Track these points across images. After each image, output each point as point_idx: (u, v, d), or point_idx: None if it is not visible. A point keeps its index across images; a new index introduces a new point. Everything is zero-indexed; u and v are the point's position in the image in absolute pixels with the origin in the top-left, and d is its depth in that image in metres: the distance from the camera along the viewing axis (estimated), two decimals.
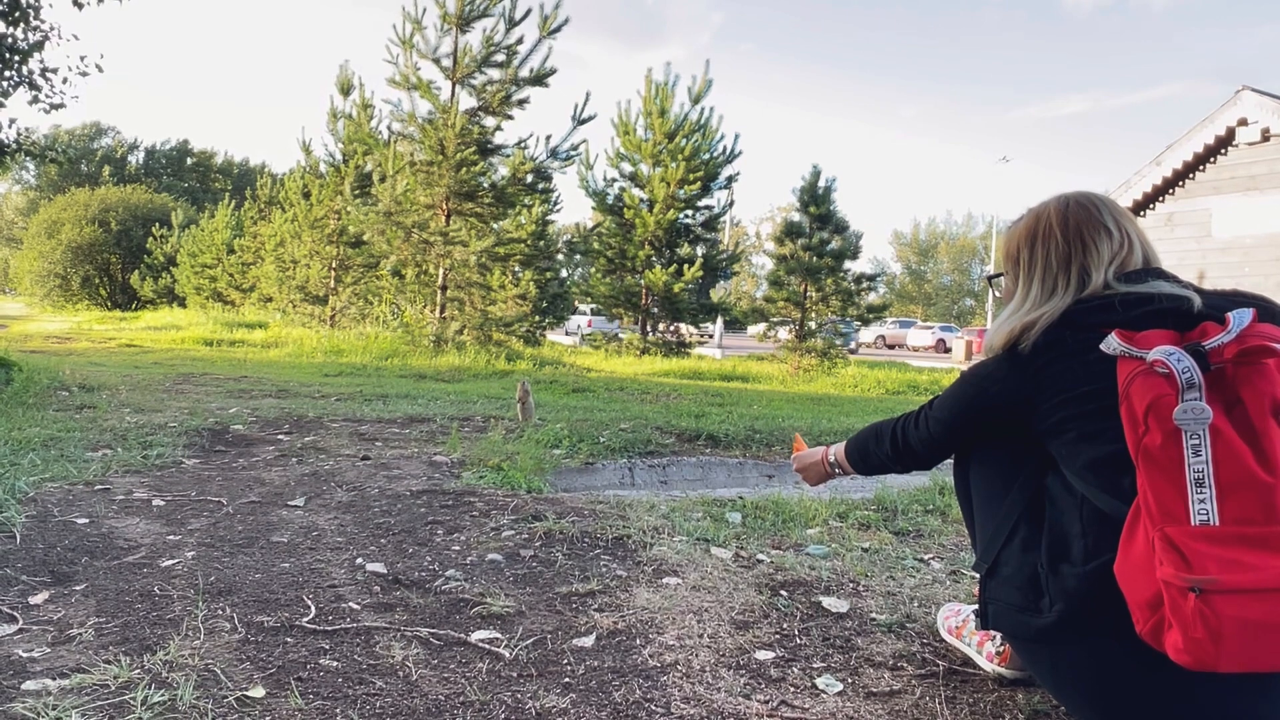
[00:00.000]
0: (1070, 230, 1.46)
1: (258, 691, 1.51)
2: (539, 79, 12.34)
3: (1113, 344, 1.22)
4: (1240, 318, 1.17)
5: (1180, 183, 11.72)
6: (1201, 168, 11.50)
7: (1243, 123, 10.93)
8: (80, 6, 7.51)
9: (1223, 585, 1.03)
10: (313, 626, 1.82)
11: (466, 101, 12.72)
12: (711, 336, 16.27)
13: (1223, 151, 11.27)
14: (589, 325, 28.20)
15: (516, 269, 14.28)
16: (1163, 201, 11.93)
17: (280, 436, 4.26)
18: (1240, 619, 1.03)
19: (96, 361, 8.92)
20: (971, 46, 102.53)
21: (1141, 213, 12.05)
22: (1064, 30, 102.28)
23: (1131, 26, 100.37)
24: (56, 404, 5.03)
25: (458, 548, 2.46)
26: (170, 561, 2.22)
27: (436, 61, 12.51)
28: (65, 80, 7.69)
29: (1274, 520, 1.06)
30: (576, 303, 26.09)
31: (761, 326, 15.84)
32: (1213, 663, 1.05)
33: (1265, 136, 10.77)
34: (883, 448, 1.74)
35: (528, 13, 12.17)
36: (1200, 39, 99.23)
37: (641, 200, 18.11)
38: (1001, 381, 1.43)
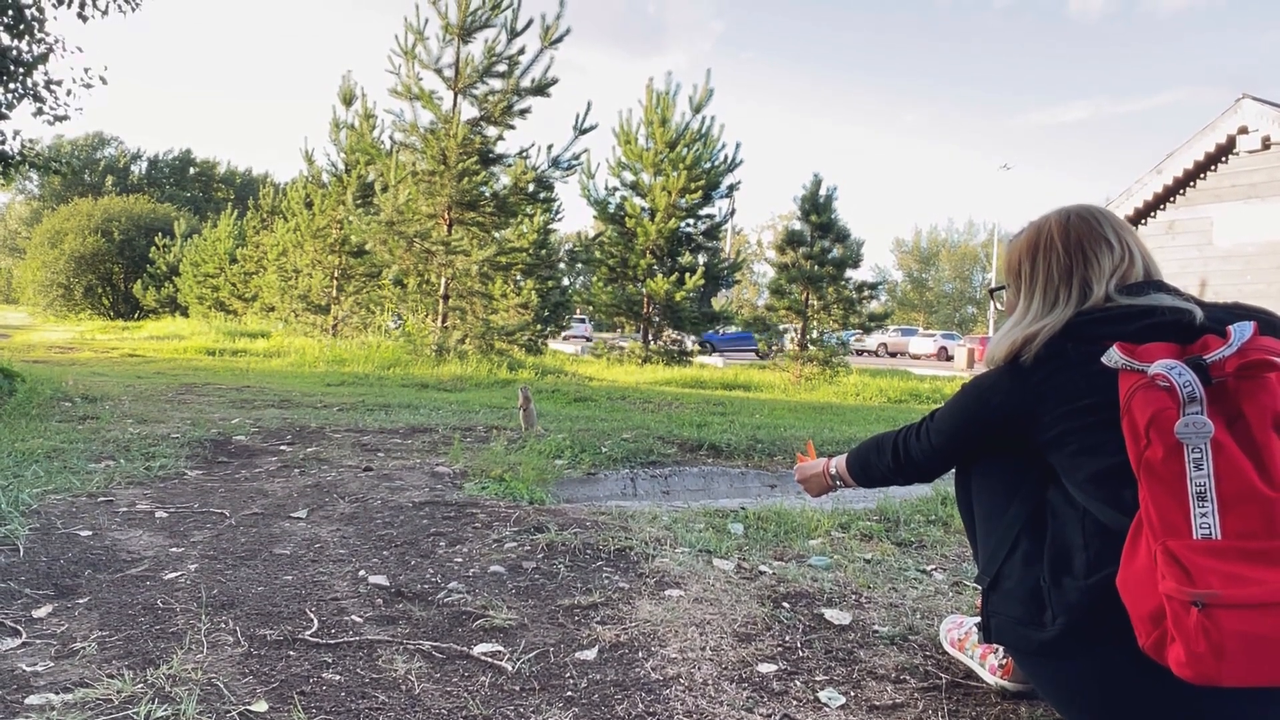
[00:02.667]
0: (1071, 243, 1.47)
1: (261, 706, 1.51)
2: (541, 89, 12.38)
3: (1114, 357, 1.22)
4: (1241, 331, 1.17)
5: (1181, 190, 11.74)
6: (1202, 175, 11.51)
7: (1243, 130, 10.95)
8: (85, 19, 7.56)
9: (1225, 599, 1.03)
10: (315, 640, 1.82)
11: (468, 111, 12.77)
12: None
13: (1223, 159, 11.29)
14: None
15: (518, 278, 14.27)
16: (1164, 209, 11.94)
17: (283, 447, 4.27)
18: (1243, 633, 1.03)
19: (99, 371, 8.93)
20: (974, 53, 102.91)
21: (1143, 220, 12.06)
22: (1067, 36, 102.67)
23: (1135, 32, 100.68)
24: (59, 415, 5.03)
25: (460, 560, 2.46)
26: (173, 574, 2.22)
27: (438, 72, 12.55)
28: (69, 92, 7.72)
29: (1276, 534, 1.06)
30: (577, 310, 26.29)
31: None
32: (1215, 677, 1.04)
33: (1266, 144, 10.79)
34: (884, 460, 1.74)
35: (529, 23, 12.22)
36: (1204, 45, 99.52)
37: (643, 209, 18.15)
38: (1004, 393, 1.43)
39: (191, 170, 67.25)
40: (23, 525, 2.56)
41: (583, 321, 34.27)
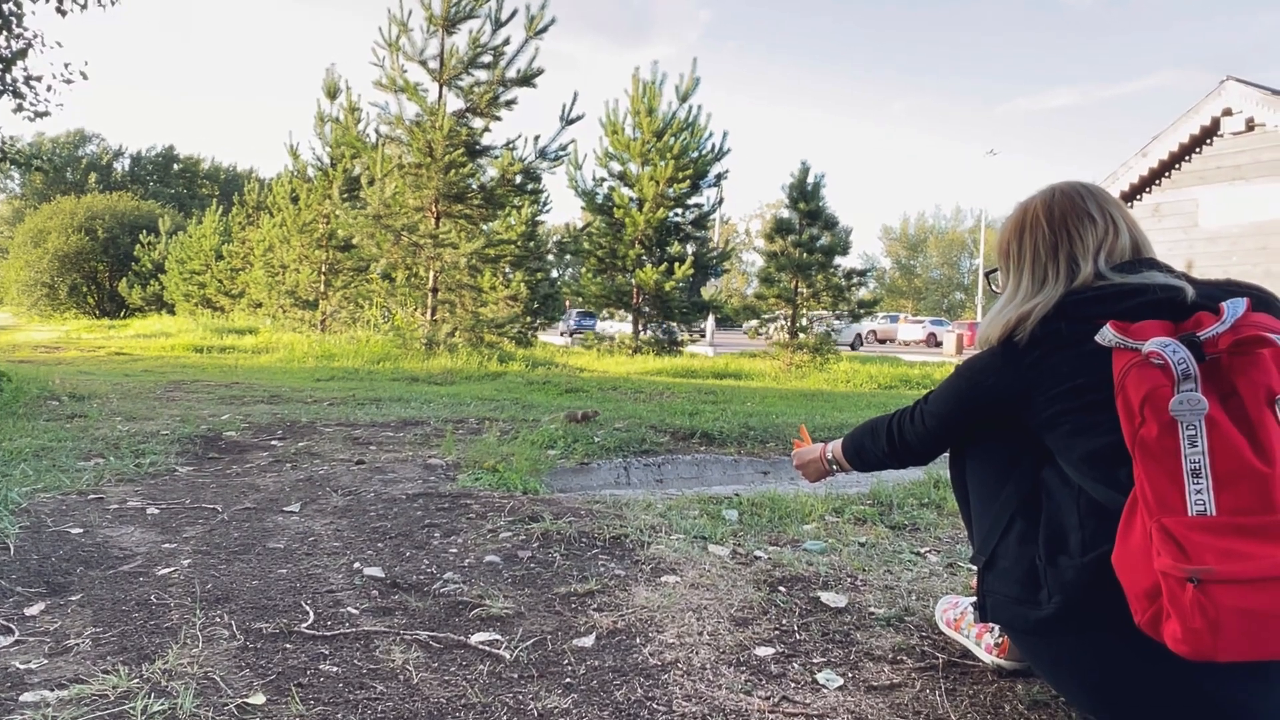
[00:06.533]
0: (1055, 219, 1.47)
1: (258, 698, 1.50)
2: (526, 79, 12.31)
3: (1108, 335, 1.22)
4: (1234, 307, 1.17)
5: (1167, 173, 11.79)
6: (1187, 158, 11.56)
7: (1227, 113, 11.00)
8: (64, 13, 7.47)
9: (1220, 575, 1.04)
10: (311, 632, 1.82)
11: (454, 103, 12.68)
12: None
13: (1208, 142, 11.34)
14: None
15: (507, 270, 14.25)
16: (1149, 192, 11.99)
17: (273, 442, 4.25)
18: (1238, 608, 1.03)
19: (86, 370, 8.86)
20: (961, 40, 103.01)
21: (1129, 204, 12.11)
22: (1054, 22, 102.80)
23: (1122, 17, 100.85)
24: (47, 413, 4.99)
25: (455, 550, 2.46)
26: (166, 570, 2.21)
27: (423, 64, 12.46)
28: (50, 88, 7.65)
29: (1270, 510, 1.06)
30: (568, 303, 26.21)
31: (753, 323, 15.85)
32: (1211, 652, 1.05)
33: (1250, 126, 10.84)
34: (879, 444, 1.75)
35: (514, 14, 12.13)
36: (1192, 29, 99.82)
37: (631, 199, 18.10)
38: (997, 373, 1.43)
39: (175, 167, 66.65)
40: (12, 524, 2.53)
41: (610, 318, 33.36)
